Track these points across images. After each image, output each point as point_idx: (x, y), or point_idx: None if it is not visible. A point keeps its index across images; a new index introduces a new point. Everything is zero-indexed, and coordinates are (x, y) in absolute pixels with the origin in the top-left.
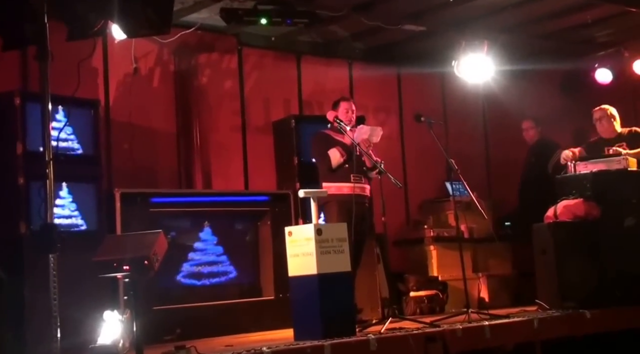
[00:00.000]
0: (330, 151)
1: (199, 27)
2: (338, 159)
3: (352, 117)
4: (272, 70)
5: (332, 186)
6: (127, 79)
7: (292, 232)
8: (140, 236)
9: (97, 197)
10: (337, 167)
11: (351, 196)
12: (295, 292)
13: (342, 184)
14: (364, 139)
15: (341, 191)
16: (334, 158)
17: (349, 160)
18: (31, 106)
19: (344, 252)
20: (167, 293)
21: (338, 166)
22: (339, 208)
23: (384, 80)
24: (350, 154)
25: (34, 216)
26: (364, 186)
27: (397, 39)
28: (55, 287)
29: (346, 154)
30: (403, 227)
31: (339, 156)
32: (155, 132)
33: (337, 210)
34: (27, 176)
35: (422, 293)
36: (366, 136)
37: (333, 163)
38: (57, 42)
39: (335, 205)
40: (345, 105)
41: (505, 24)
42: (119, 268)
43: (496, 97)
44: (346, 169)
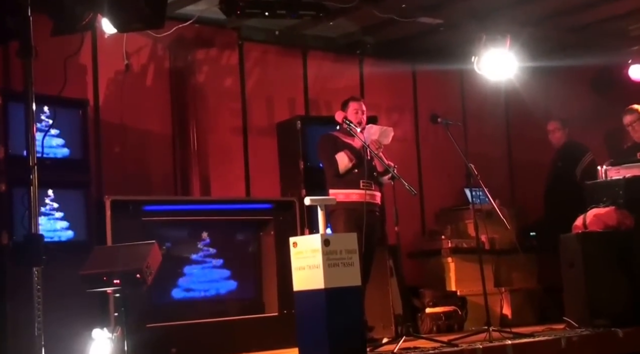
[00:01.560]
0: (338, 155)
1: (196, 20)
2: (346, 164)
3: (362, 119)
4: (275, 67)
5: (340, 192)
6: (118, 76)
7: (297, 243)
8: (132, 247)
9: (86, 205)
10: (345, 173)
11: (361, 203)
12: (301, 308)
13: (350, 190)
14: (373, 140)
15: (350, 198)
16: (341, 163)
17: (359, 165)
18: (14, 106)
19: (353, 265)
20: (161, 309)
21: (346, 171)
22: (346, 217)
23: (397, 78)
24: (359, 159)
25: (17, 225)
26: (374, 193)
27: (412, 32)
28: (39, 303)
29: (355, 158)
30: (418, 237)
31: (347, 160)
32: (148, 135)
33: (344, 219)
34: (9, 182)
35: (439, 309)
36: (376, 136)
37: (340, 168)
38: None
39: (343, 214)
40: (354, 105)
41: (529, 16)
42: (109, 281)
43: (519, 96)
44: (355, 175)
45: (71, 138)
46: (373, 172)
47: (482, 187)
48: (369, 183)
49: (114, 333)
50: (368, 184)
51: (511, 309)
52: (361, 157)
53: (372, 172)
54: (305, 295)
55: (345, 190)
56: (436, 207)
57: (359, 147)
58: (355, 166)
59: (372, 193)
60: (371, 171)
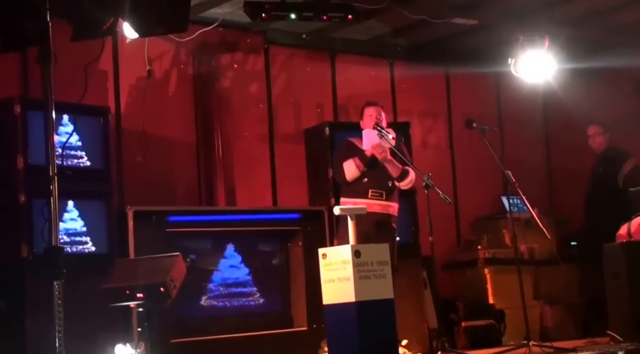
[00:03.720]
0: (345, 163)
1: (220, 24)
2: (353, 172)
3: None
4: (303, 71)
5: (349, 201)
6: (140, 83)
7: (326, 254)
8: (156, 260)
9: (107, 216)
10: (355, 181)
11: (369, 214)
12: (331, 322)
13: (358, 199)
14: (375, 145)
15: None
16: (348, 171)
17: (368, 173)
18: (33, 114)
19: (385, 277)
20: (186, 324)
21: (355, 179)
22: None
23: (430, 82)
24: (370, 166)
25: (37, 238)
26: (386, 204)
27: (445, 34)
28: (60, 318)
29: (365, 166)
30: (453, 248)
31: (354, 167)
32: (172, 143)
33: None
34: (29, 193)
35: (476, 323)
36: (377, 140)
37: (347, 177)
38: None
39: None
40: (369, 110)
41: (569, 15)
42: (132, 295)
43: (559, 99)
44: (364, 184)
45: (92, 147)
46: (387, 181)
47: (519, 195)
48: (378, 193)
49: (138, 348)
50: (378, 194)
51: (552, 322)
52: (372, 165)
53: (384, 180)
54: (335, 309)
55: (353, 199)
56: (472, 216)
57: (369, 155)
58: (364, 174)
59: (383, 203)
60: (383, 178)
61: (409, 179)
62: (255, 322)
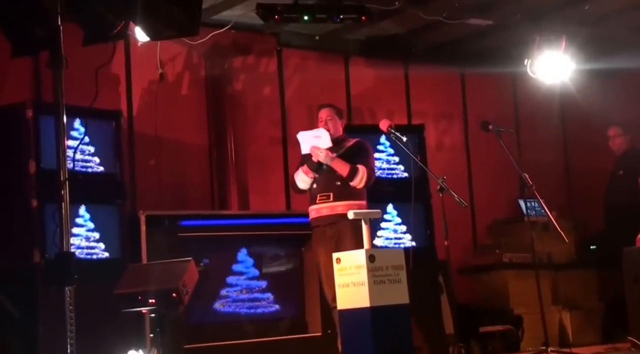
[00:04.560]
0: (295, 173)
1: (232, 26)
2: (305, 180)
3: (329, 128)
4: (316, 73)
5: (309, 211)
6: (153, 86)
7: (340, 258)
8: (168, 265)
9: (119, 220)
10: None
11: (320, 219)
12: (345, 328)
13: (312, 207)
14: (312, 149)
15: (311, 215)
16: (299, 181)
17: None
18: (45, 118)
19: (400, 282)
20: (199, 329)
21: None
22: (313, 238)
23: (445, 83)
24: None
25: (49, 243)
26: (335, 205)
27: (461, 35)
28: (72, 324)
29: (313, 171)
30: (470, 252)
31: (303, 175)
32: (184, 146)
33: (312, 243)
34: (40, 198)
35: (494, 329)
36: (313, 143)
37: (300, 186)
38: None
39: (312, 236)
40: (319, 114)
41: (587, 15)
42: (144, 301)
43: (577, 100)
44: (314, 189)
45: (104, 151)
46: (335, 182)
47: (537, 198)
48: (326, 196)
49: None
50: (325, 197)
51: (571, 327)
52: (318, 169)
53: (331, 182)
54: (349, 314)
55: (310, 207)
56: (488, 219)
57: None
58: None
59: (330, 205)
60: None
61: (360, 177)
62: (269, 327)
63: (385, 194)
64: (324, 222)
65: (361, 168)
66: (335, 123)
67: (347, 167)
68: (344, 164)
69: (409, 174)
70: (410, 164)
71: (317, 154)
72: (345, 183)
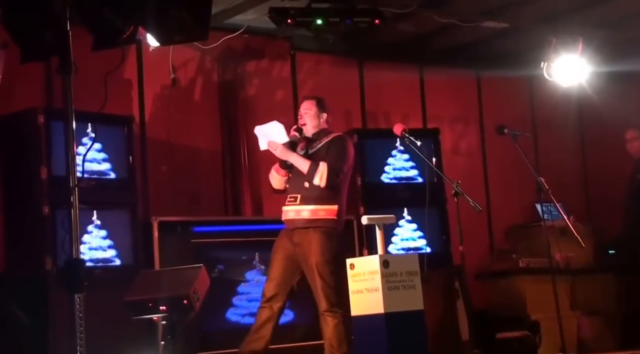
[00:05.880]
0: (270, 174)
1: (245, 31)
2: (277, 178)
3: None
4: (330, 77)
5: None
6: (165, 91)
7: (354, 264)
8: (179, 271)
9: (132, 226)
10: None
11: (287, 221)
12: (359, 334)
13: (283, 208)
14: (269, 144)
15: (282, 216)
16: (272, 180)
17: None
18: (57, 124)
19: (415, 288)
20: (211, 337)
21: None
22: (276, 239)
23: (460, 87)
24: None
25: (61, 250)
26: (301, 208)
27: (476, 38)
28: (81, 331)
29: (283, 168)
30: (486, 257)
31: (274, 174)
32: (197, 152)
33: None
34: (52, 204)
35: (510, 335)
36: (269, 138)
37: (274, 185)
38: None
39: (282, 232)
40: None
41: (604, 17)
42: (155, 308)
43: (594, 103)
44: (286, 190)
45: (116, 157)
46: (304, 183)
47: (554, 202)
48: (293, 198)
49: None
50: (293, 199)
51: (590, 333)
52: (287, 166)
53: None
54: (363, 320)
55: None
56: (505, 224)
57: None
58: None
59: (296, 208)
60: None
61: (319, 175)
62: (283, 334)
63: (400, 199)
64: (290, 226)
65: (322, 165)
66: (314, 116)
67: (306, 164)
68: (304, 161)
69: (423, 179)
70: (425, 168)
71: (273, 149)
72: (315, 185)
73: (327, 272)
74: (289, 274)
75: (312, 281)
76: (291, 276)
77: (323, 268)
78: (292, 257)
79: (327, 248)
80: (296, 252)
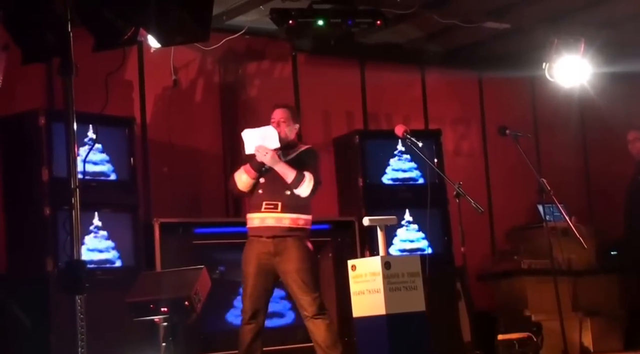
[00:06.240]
0: (236, 172)
1: (246, 32)
2: (244, 180)
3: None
4: (332, 78)
5: (248, 217)
6: (166, 93)
7: (356, 266)
8: (180, 273)
9: (133, 228)
10: (252, 192)
11: (264, 229)
12: (361, 335)
13: (254, 214)
14: (257, 148)
15: (252, 224)
16: (238, 179)
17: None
18: (58, 126)
19: (416, 289)
20: (213, 338)
21: (250, 189)
22: (246, 247)
23: (462, 87)
24: (263, 172)
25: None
26: (282, 216)
27: (478, 39)
28: (82, 332)
29: (256, 171)
30: (488, 258)
31: (243, 174)
32: (198, 153)
33: (244, 253)
34: (53, 205)
35: (512, 336)
36: (257, 142)
37: (239, 185)
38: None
39: (246, 245)
40: (273, 115)
41: (607, 17)
42: (157, 310)
43: (596, 104)
44: (260, 195)
45: (117, 158)
46: (285, 191)
47: (555, 203)
48: (273, 205)
49: None
50: (272, 206)
51: (592, 335)
52: (263, 170)
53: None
54: (365, 322)
55: (250, 214)
56: (507, 225)
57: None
58: (258, 182)
59: (277, 216)
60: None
61: (306, 184)
62: (285, 336)
63: (402, 200)
64: (268, 234)
65: (308, 175)
66: (289, 126)
67: (293, 172)
68: (290, 169)
69: (425, 180)
70: (426, 169)
71: (262, 154)
72: (295, 194)
73: (313, 279)
74: (268, 285)
75: (297, 289)
76: (269, 287)
77: (308, 275)
78: (266, 267)
79: (308, 256)
80: (274, 262)
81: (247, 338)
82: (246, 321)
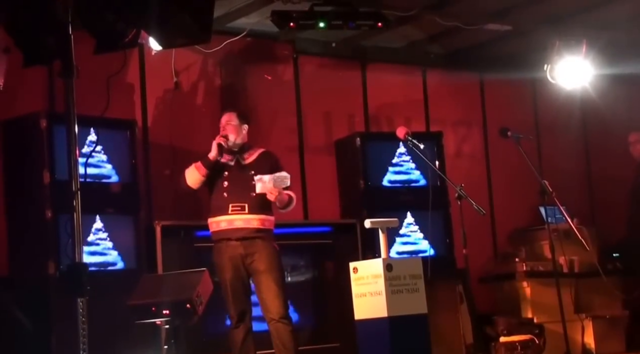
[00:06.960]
0: (187, 169)
1: (247, 34)
2: (195, 176)
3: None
4: (333, 80)
5: (212, 221)
6: (167, 95)
7: (357, 268)
8: (182, 275)
9: (135, 231)
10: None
11: (232, 231)
12: (363, 338)
13: (220, 217)
14: (269, 189)
15: (219, 227)
16: (189, 176)
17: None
18: (59, 129)
19: (418, 291)
20: (215, 341)
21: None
22: (216, 253)
23: (464, 89)
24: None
25: (64, 254)
26: (250, 218)
27: (479, 40)
28: (84, 335)
29: (207, 169)
30: (490, 261)
31: (194, 171)
32: (200, 156)
33: (214, 256)
34: (55, 208)
35: (514, 338)
36: (271, 184)
37: (189, 182)
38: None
39: (214, 250)
40: (221, 120)
41: (608, 19)
42: (158, 312)
43: (598, 106)
44: (225, 198)
45: (119, 161)
46: (251, 193)
47: (557, 205)
48: (240, 206)
49: None
50: (239, 207)
51: (594, 337)
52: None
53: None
54: (367, 324)
55: (215, 217)
56: (509, 227)
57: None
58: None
59: (245, 217)
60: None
61: (291, 208)
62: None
63: (403, 202)
64: (236, 236)
65: (294, 199)
66: (237, 128)
67: (285, 200)
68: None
69: (427, 182)
70: (428, 172)
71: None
72: (260, 195)
73: (282, 280)
74: (247, 287)
75: (267, 289)
76: (248, 288)
77: (277, 276)
78: (239, 270)
79: (277, 257)
80: (245, 263)
81: (238, 339)
82: (234, 325)
